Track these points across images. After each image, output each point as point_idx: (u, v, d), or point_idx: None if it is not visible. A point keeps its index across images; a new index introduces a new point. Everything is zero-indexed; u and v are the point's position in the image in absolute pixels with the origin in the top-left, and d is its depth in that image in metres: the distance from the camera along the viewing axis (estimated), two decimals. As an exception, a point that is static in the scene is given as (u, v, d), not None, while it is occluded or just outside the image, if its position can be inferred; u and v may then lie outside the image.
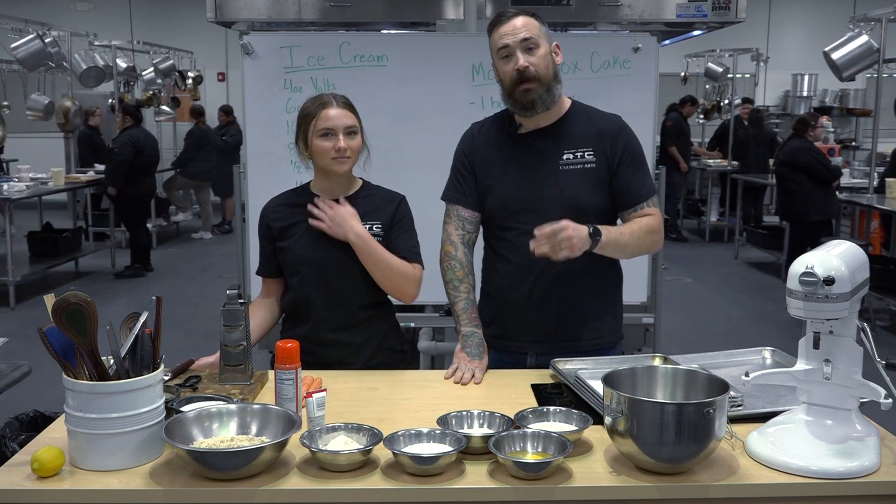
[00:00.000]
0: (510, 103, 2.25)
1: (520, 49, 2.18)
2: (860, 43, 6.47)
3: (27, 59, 7.42)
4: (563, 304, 2.29)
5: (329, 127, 2.24)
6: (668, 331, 4.67)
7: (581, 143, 2.27)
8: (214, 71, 12.90)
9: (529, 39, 2.18)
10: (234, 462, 1.57)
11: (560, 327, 2.31)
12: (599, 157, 2.26)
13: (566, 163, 2.26)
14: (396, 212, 2.35)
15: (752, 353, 2.32)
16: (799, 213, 7.04)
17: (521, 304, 2.31)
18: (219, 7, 3.63)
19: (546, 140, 2.28)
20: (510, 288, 2.32)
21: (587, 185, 2.25)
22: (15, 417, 2.71)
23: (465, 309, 2.33)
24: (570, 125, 2.29)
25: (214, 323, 2.15)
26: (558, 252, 2.03)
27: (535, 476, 1.59)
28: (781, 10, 12.29)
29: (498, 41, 2.22)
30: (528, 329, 2.32)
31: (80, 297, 1.61)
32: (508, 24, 2.20)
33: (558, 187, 2.25)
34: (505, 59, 2.22)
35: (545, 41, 2.22)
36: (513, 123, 2.32)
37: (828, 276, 1.61)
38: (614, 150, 2.26)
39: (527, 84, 2.18)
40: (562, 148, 2.27)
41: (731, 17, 3.64)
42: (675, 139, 9.75)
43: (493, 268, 2.37)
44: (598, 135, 2.27)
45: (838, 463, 1.63)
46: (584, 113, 2.33)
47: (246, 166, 3.60)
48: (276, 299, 2.45)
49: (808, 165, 6.91)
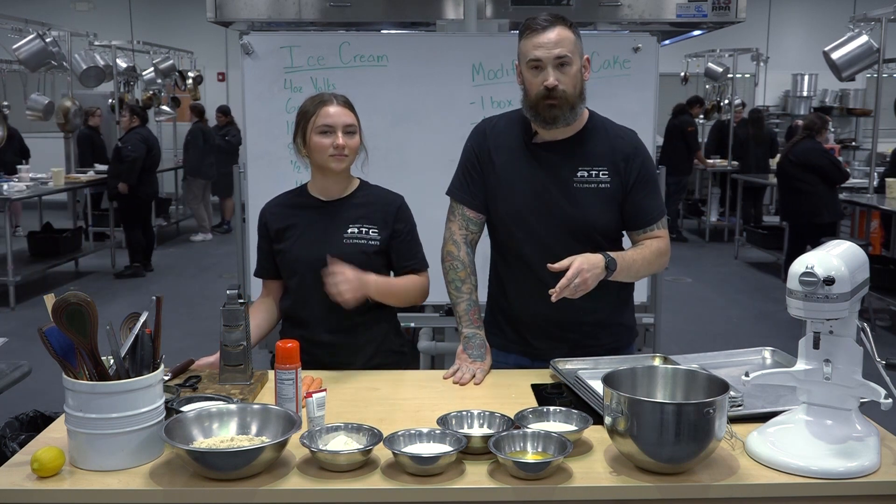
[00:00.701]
0: (532, 114, 2.19)
1: (552, 65, 2.12)
2: (860, 43, 6.48)
3: (29, 59, 7.42)
4: (582, 312, 2.25)
5: (328, 124, 2.24)
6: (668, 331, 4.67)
7: (596, 161, 2.23)
8: (214, 71, 12.90)
9: (564, 57, 2.12)
10: (234, 462, 1.57)
11: (582, 336, 2.30)
12: (613, 177, 2.22)
13: (580, 180, 2.22)
14: (398, 217, 2.35)
15: (752, 353, 2.32)
16: (810, 215, 6.94)
17: (539, 318, 2.29)
18: (219, 7, 3.63)
19: (561, 154, 2.24)
20: (527, 300, 2.29)
21: (599, 206, 2.22)
22: (15, 417, 2.71)
23: (468, 310, 2.32)
24: (587, 141, 2.25)
25: (214, 323, 2.15)
26: (576, 294, 2.05)
27: (535, 476, 1.59)
28: (781, 10, 12.29)
29: (530, 51, 2.13)
30: (551, 343, 2.30)
31: (80, 297, 1.61)
32: (544, 36, 2.11)
33: (569, 205, 2.21)
34: (534, 70, 2.15)
35: (578, 57, 2.16)
36: (528, 130, 2.27)
37: (828, 276, 1.61)
38: (629, 171, 2.23)
39: (552, 101, 2.13)
40: (577, 165, 2.23)
41: (731, 17, 3.64)
42: (696, 142, 9.89)
43: (504, 277, 2.35)
44: (614, 153, 2.24)
45: (838, 463, 1.63)
46: (601, 127, 2.28)
47: (246, 166, 3.60)
48: (275, 301, 2.44)
49: (822, 167, 6.83)
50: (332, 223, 2.32)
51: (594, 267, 2.06)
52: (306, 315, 2.34)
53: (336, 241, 2.30)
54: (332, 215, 2.33)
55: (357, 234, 2.31)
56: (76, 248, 8.04)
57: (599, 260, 2.09)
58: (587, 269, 2.04)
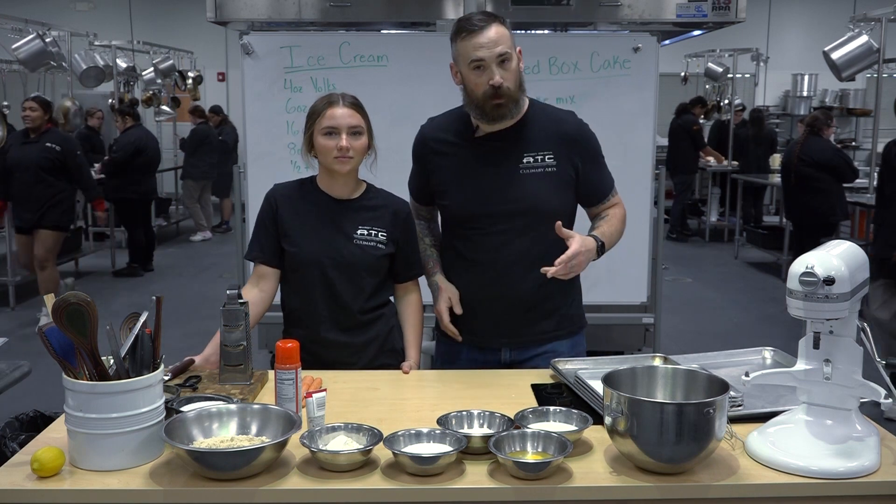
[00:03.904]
0: (477, 113, 2.23)
1: (495, 63, 2.15)
2: (860, 43, 6.48)
3: (29, 59, 7.43)
4: (529, 298, 2.31)
5: (332, 125, 2.24)
6: (668, 331, 4.68)
7: (541, 145, 2.27)
8: (214, 71, 12.89)
9: (505, 54, 2.15)
10: (234, 462, 1.57)
11: (530, 320, 2.34)
12: (560, 160, 2.27)
13: (526, 166, 2.26)
14: (407, 225, 2.39)
15: (752, 353, 2.32)
16: (823, 214, 6.87)
17: (487, 304, 2.33)
18: (219, 7, 3.63)
19: (506, 143, 2.27)
20: (475, 288, 2.34)
21: (548, 189, 2.26)
22: (15, 417, 2.71)
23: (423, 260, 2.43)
24: (530, 127, 2.28)
25: (214, 323, 2.15)
26: (568, 274, 2.11)
27: (535, 476, 1.59)
28: (781, 10, 12.29)
29: (471, 52, 2.15)
30: (499, 328, 2.34)
31: (80, 297, 1.61)
32: (483, 36, 2.13)
33: (519, 191, 2.25)
34: (477, 71, 2.17)
35: (514, 51, 2.20)
36: (469, 125, 2.31)
37: (828, 276, 1.61)
38: (575, 153, 2.28)
39: (499, 100, 2.17)
40: (521, 151, 2.27)
41: (731, 18, 3.64)
42: (702, 139, 9.95)
43: (454, 268, 2.39)
44: (557, 135, 2.28)
45: (838, 463, 1.63)
46: (542, 113, 2.33)
47: (246, 166, 3.60)
48: (263, 292, 2.36)
49: (836, 166, 6.78)
50: (343, 223, 2.32)
51: (589, 251, 2.14)
52: (309, 314, 2.34)
53: (346, 242, 2.30)
54: (343, 215, 2.33)
55: (367, 237, 2.31)
56: (76, 248, 8.04)
57: (593, 244, 2.17)
58: (584, 252, 2.11)
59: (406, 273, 2.42)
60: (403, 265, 2.40)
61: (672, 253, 8.85)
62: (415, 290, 2.46)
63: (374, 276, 2.34)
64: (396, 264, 2.39)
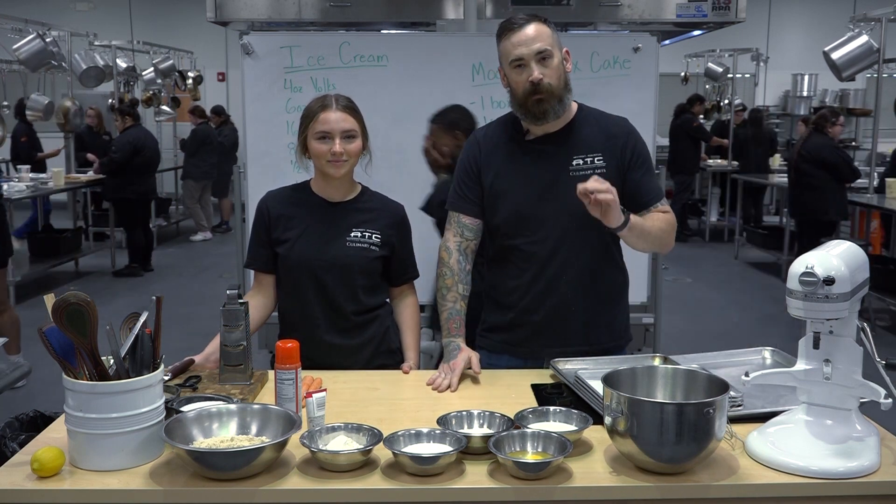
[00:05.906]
0: (521, 113, 2.22)
1: (534, 60, 2.14)
2: (860, 43, 6.48)
3: (30, 59, 7.43)
4: (578, 311, 2.28)
5: (325, 130, 2.24)
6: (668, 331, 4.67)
7: (590, 148, 2.25)
8: (214, 71, 12.90)
9: (544, 51, 2.14)
10: (234, 462, 1.57)
11: (577, 334, 2.30)
12: (609, 161, 2.24)
13: (576, 168, 2.23)
14: (402, 229, 2.39)
15: (752, 353, 2.32)
16: (817, 212, 6.89)
17: (536, 315, 2.29)
18: (219, 7, 3.63)
19: (555, 146, 2.25)
20: (524, 299, 2.29)
21: None
22: (15, 417, 2.70)
23: (448, 319, 2.31)
24: (579, 130, 2.27)
25: (214, 323, 2.15)
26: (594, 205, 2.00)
27: (535, 476, 1.59)
28: (781, 10, 12.29)
29: (511, 51, 2.16)
30: (546, 340, 2.30)
31: (80, 297, 1.61)
32: (521, 33, 2.14)
33: (569, 194, 2.19)
34: (518, 69, 2.17)
35: (557, 50, 2.18)
36: (519, 129, 2.29)
37: (828, 276, 1.61)
38: (624, 153, 2.25)
39: (539, 95, 2.15)
40: (571, 154, 2.24)
41: (731, 18, 3.64)
42: (705, 133, 10.02)
43: (504, 277, 2.34)
44: (607, 139, 2.26)
45: (838, 463, 1.63)
46: (591, 117, 2.31)
47: (246, 166, 3.60)
48: (266, 297, 2.40)
49: (834, 164, 6.78)
50: (336, 225, 2.32)
51: (618, 204, 2.04)
52: (305, 316, 2.33)
53: (339, 244, 2.30)
54: (336, 217, 2.33)
55: (360, 238, 2.31)
56: (76, 249, 8.04)
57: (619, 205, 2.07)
58: (615, 201, 2.01)
59: (401, 276, 2.43)
60: (398, 268, 2.40)
61: (672, 253, 8.78)
62: (411, 293, 2.46)
63: (367, 278, 2.34)
64: (391, 268, 2.39)
